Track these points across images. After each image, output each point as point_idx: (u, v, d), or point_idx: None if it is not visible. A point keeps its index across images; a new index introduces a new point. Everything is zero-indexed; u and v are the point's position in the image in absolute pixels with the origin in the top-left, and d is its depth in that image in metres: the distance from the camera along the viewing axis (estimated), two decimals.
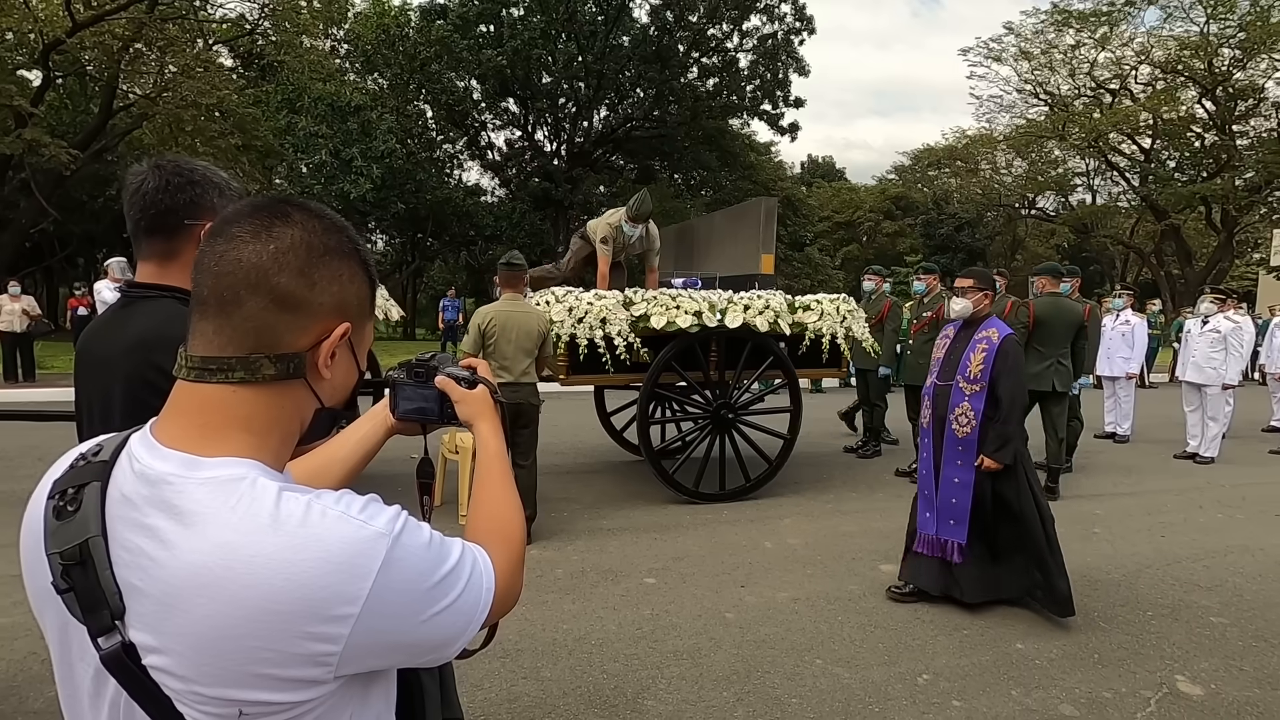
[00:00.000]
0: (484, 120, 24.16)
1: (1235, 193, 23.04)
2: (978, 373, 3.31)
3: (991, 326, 3.38)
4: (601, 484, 5.38)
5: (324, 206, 0.73)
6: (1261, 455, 7.04)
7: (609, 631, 3.05)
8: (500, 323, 3.94)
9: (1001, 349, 3.29)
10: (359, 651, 0.61)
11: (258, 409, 0.67)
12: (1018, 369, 3.32)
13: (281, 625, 0.58)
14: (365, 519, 0.63)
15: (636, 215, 5.28)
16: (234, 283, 0.65)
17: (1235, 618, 3.32)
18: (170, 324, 1.06)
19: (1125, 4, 23.15)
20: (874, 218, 35.57)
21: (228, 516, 0.60)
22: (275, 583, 0.58)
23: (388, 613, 0.62)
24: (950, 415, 3.38)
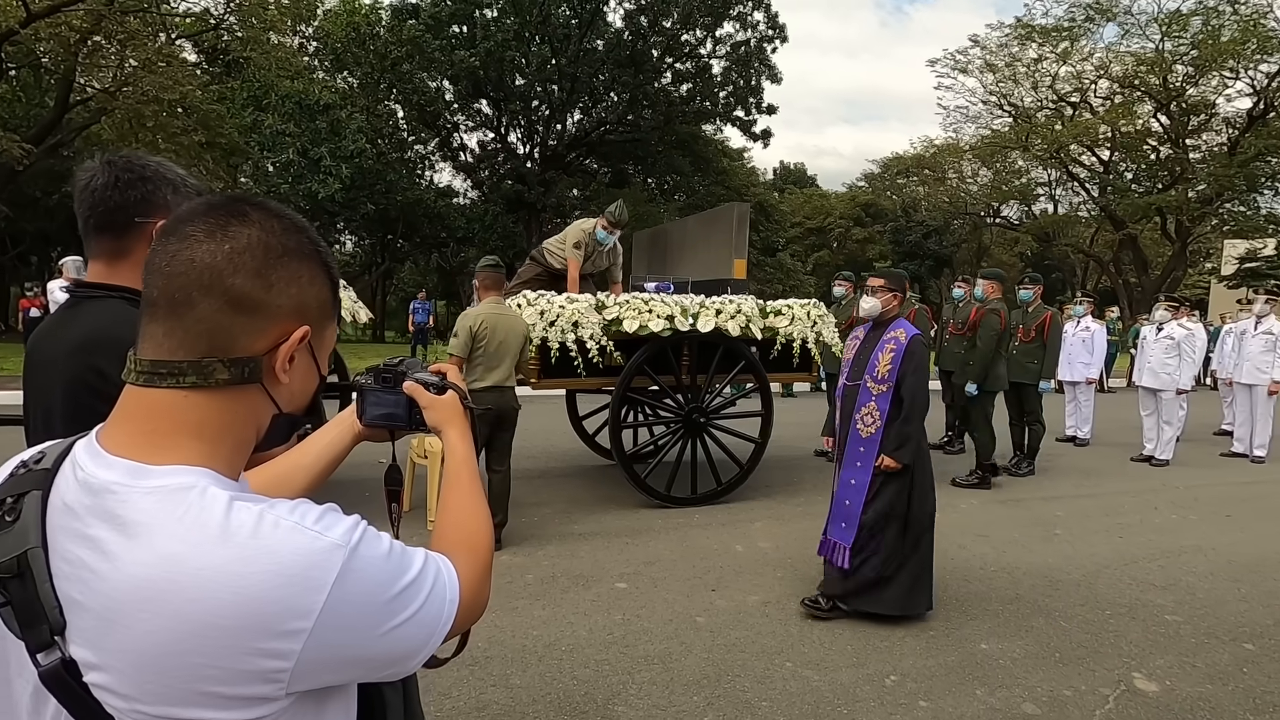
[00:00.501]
0: (456, 121, 23.97)
1: (1188, 204, 23.90)
2: (885, 373, 3.31)
3: (900, 327, 3.38)
4: (573, 488, 5.35)
5: (284, 206, 0.71)
6: (1213, 458, 7.28)
7: (579, 637, 3.02)
8: (491, 325, 3.91)
9: (908, 349, 3.29)
10: (312, 667, 0.59)
11: (210, 415, 0.64)
12: (923, 370, 3.32)
13: (229, 641, 0.56)
14: (320, 530, 0.61)
15: (617, 221, 5.24)
16: (186, 284, 0.62)
17: (1188, 615, 3.43)
18: (117, 325, 1.02)
19: (1085, 20, 23.92)
20: (844, 224, 36.10)
21: (174, 527, 0.57)
22: (223, 596, 0.55)
23: (343, 626, 0.60)
24: (856, 415, 3.39)
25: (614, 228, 5.25)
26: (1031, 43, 24.86)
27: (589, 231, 5.24)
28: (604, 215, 5.27)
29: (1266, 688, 2.79)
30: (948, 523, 4.79)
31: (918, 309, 5.81)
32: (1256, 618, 3.42)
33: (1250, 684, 2.81)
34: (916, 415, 3.27)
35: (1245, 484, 6.23)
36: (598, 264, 5.42)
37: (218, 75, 18.47)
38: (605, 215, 5.26)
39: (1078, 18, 23.93)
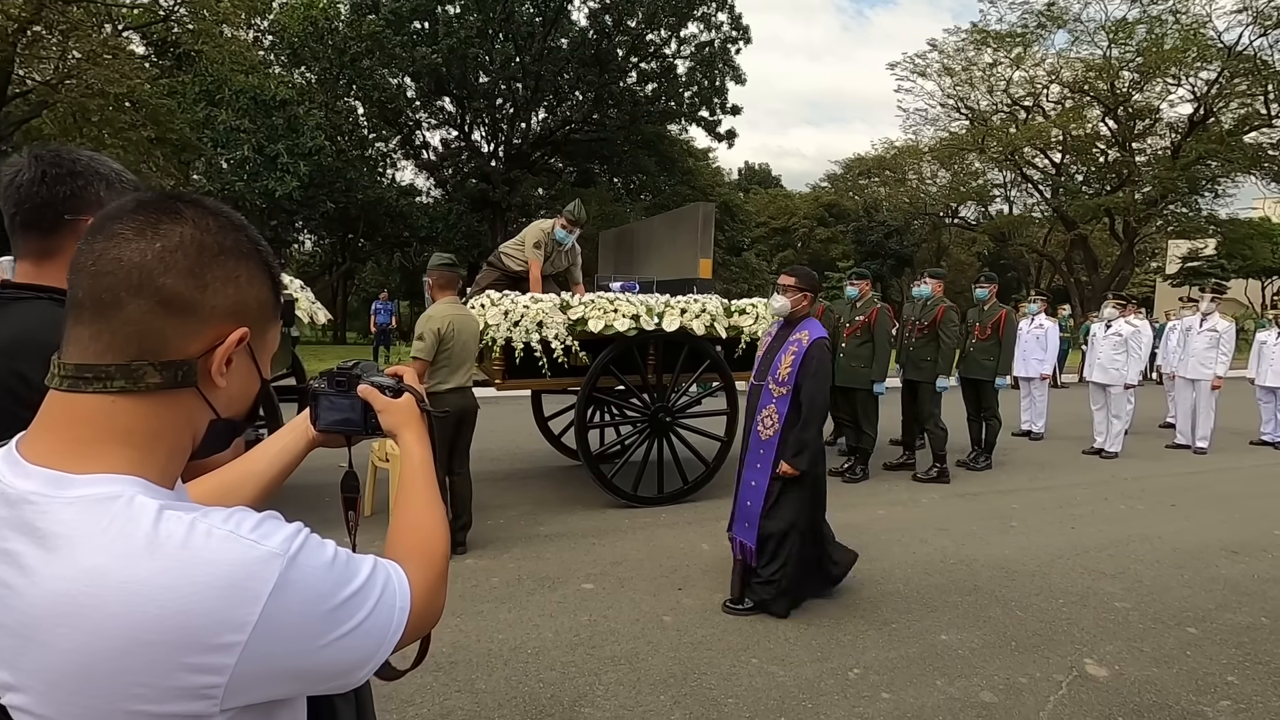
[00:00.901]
0: (418, 119, 23.59)
1: (1135, 206, 24.81)
2: (785, 375, 3.23)
3: (805, 329, 3.31)
4: (539, 490, 5.32)
5: (221, 204, 0.69)
6: (1159, 449, 7.57)
7: (545, 639, 3.00)
8: (457, 327, 3.86)
9: (807, 353, 3.20)
10: (249, 682, 0.57)
11: (140, 421, 0.62)
12: (821, 374, 3.23)
13: (156, 656, 0.53)
14: (256, 538, 0.58)
15: (576, 220, 5.20)
16: (114, 284, 0.59)
17: (1136, 602, 3.55)
18: (42, 328, 0.98)
19: (1037, 27, 24.65)
20: (808, 224, 36.57)
21: (97, 539, 0.55)
22: (148, 610, 0.53)
23: (282, 639, 0.58)
24: (757, 416, 3.33)
25: (573, 226, 5.21)
26: (987, 48, 25.54)
27: (548, 231, 5.19)
28: (562, 214, 5.22)
29: (1208, 669, 2.91)
30: (910, 518, 4.90)
31: (880, 308, 5.89)
32: (1199, 602, 3.57)
33: (1193, 666, 2.93)
34: (814, 421, 3.21)
35: (1188, 474, 6.49)
36: (557, 264, 5.37)
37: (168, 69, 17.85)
38: (564, 214, 5.21)
39: (1030, 24, 24.67)
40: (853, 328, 5.90)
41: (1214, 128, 23.63)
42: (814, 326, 3.33)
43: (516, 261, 5.29)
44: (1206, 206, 26.29)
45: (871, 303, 5.94)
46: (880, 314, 5.81)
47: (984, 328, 6.50)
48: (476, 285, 5.44)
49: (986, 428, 6.48)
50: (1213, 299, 7.79)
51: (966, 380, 6.65)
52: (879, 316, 5.80)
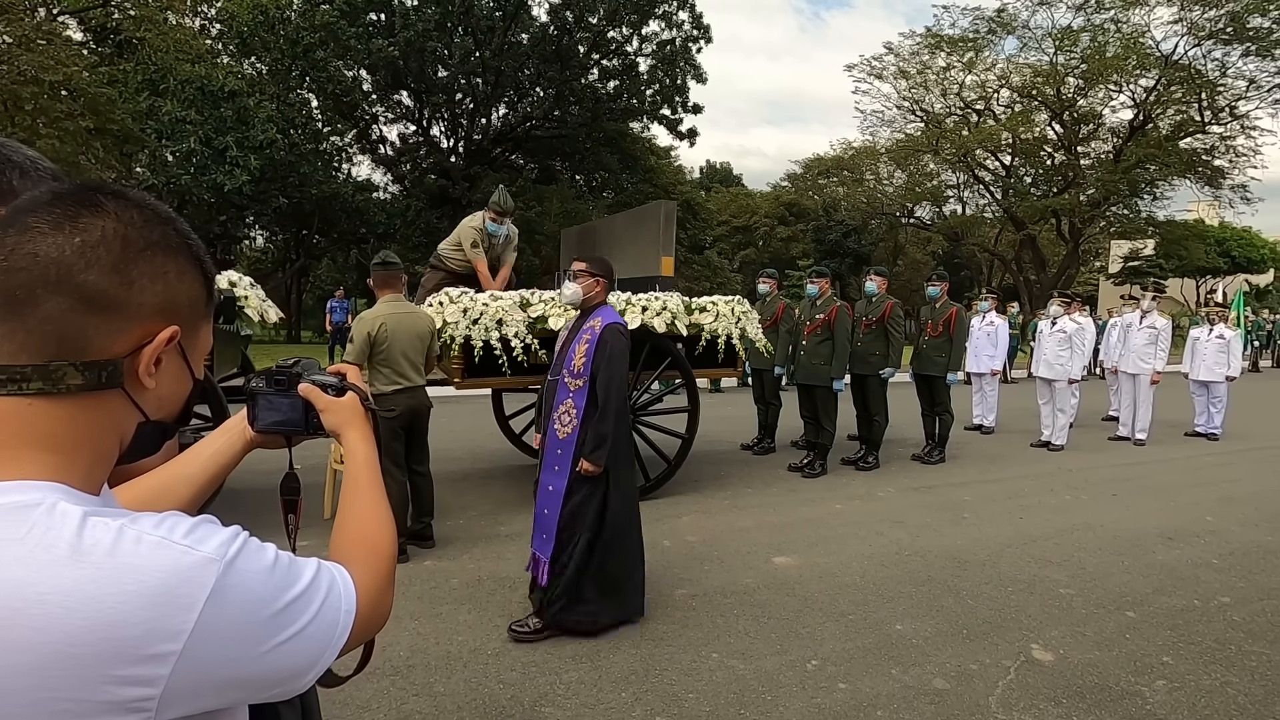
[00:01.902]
0: (375, 113, 23.10)
1: (1080, 207, 25.75)
2: (580, 366, 3.00)
3: (598, 316, 3.11)
4: (500, 489, 5.27)
5: (146, 195, 0.66)
6: (1101, 441, 7.88)
7: (506, 640, 2.98)
8: (391, 327, 3.77)
9: (601, 338, 2.98)
10: (184, 693, 0.55)
11: (61, 424, 0.59)
12: (617, 360, 2.98)
13: (82, 671, 0.51)
14: (191, 544, 0.56)
15: (503, 210, 5.07)
16: (29, 280, 0.56)
17: (1080, 588, 3.69)
18: None
19: (988, 32, 25.37)
20: (769, 223, 36.96)
21: (14, 549, 0.52)
22: (71, 623, 0.50)
23: (220, 646, 0.56)
24: (554, 414, 3.10)
25: (501, 217, 5.08)
26: (940, 52, 26.17)
27: (479, 228, 5.06)
28: (489, 207, 5.08)
29: (1145, 651, 3.04)
30: (867, 511, 5.01)
31: (839, 306, 5.96)
32: (1137, 587, 3.73)
33: (1132, 649, 3.06)
34: (612, 412, 2.96)
35: (1129, 465, 6.77)
36: (494, 254, 5.27)
37: (108, 56, 17.10)
38: (490, 207, 5.08)
39: (981, 30, 25.37)
40: (813, 325, 5.99)
41: (1152, 133, 24.66)
42: (608, 313, 3.13)
43: (456, 262, 5.19)
44: (1146, 209, 27.44)
45: (831, 301, 6.03)
46: (840, 312, 5.91)
47: (936, 325, 6.68)
48: (423, 288, 5.31)
49: (939, 422, 6.65)
50: (1153, 297, 8.14)
51: (920, 376, 6.82)
52: (838, 314, 5.89)
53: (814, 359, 5.97)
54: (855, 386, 6.36)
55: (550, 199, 22.72)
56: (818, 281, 6.18)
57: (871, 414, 6.25)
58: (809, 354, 6.00)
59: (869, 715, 2.52)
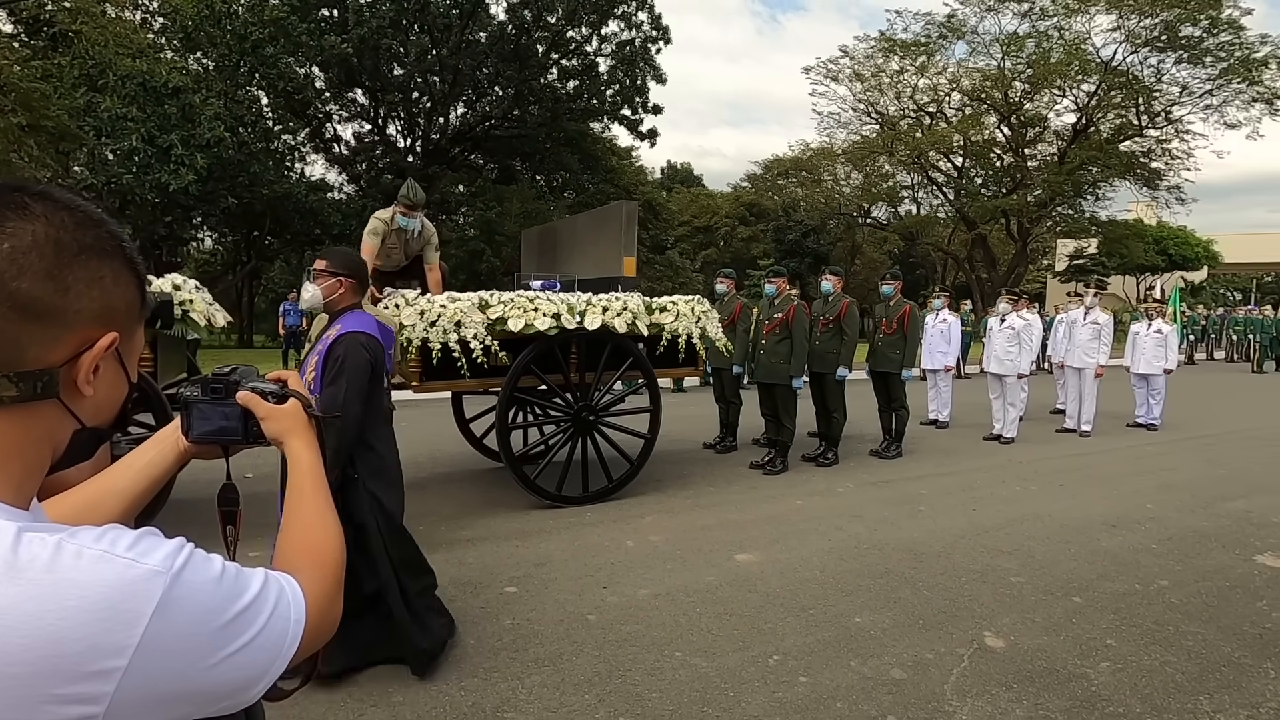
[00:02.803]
0: (329, 111, 22.59)
1: (1027, 207, 26.64)
2: (312, 380, 2.63)
3: (339, 323, 2.72)
4: (460, 494, 5.20)
5: (76, 196, 0.63)
6: (1049, 434, 8.16)
7: (467, 646, 2.94)
8: None
9: (331, 350, 2.62)
10: (130, 709, 0.53)
11: None
12: (348, 376, 2.57)
13: (22, 691, 0.49)
14: (134, 557, 0.55)
15: (413, 203, 4.81)
16: None
17: (1030, 576, 3.82)
18: None
19: (939, 37, 26.06)
20: (730, 223, 37.30)
21: None
22: (12, 641, 0.48)
23: (167, 660, 0.54)
24: None
25: (412, 210, 4.85)
26: (894, 56, 26.77)
27: (386, 220, 4.81)
28: (398, 200, 4.81)
29: (1090, 634, 3.16)
30: (826, 507, 5.09)
31: (797, 305, 6.05)
32: (1083, 573, 3.87)
33: (1078, 632, 3.17)
34: (333, 431, 2.51)
35: (1075, 456, 7.02)
36: (410, 250, 5.04)
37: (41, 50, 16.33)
38: (399, 200, 4.80)
39: (932, 35, 26.06)
40: (771, 325, 6.05)
41: (1094, 136, 25.66)
42: (353, 320, 2.71)
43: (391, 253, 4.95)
44: (1089, 209, 28.54)
45: (789, 300, 6.11)
46: (798, 311, 5.99)
47: (890, 323, 6.82)
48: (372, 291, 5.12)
49: (896, 418, 6.80)
50: (1095, 294, 8.46)
51: (876, 373, 6.96)
52: (796, 314, 5.97)
53: (773, 358, 6.03)
54: (814, 384, 6.45)
55: (510, 199, 22.53)
56: (775, 281, 6.24)
57: (830, 411, 6.36)
58: (768, 353, 6.06)
59: (829, 707, 2.56)
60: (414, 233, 4.90)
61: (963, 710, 2.56)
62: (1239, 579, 3.84)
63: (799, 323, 5.95)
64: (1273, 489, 5.74)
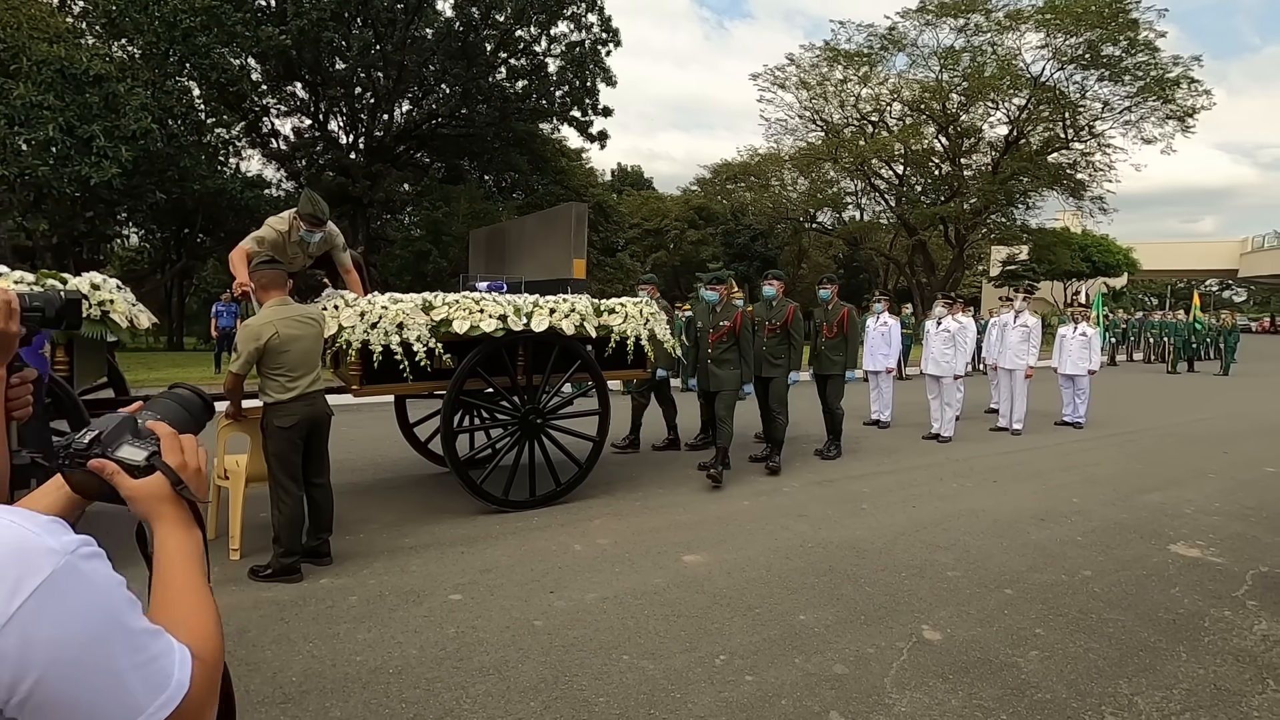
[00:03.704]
0: (266, 105, 21.73)
1: (964, 215, 27.71)
2: None
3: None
4: (403, 500, 5.07)
5: None
6: (984, 432, 8.49)
7: (409, 657, 2.86)
8: (284, 333, 3.53)
9: None
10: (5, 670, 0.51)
11: None
12: None
13: None
14: (38, 531, 0.54)
15: (313, 217, 4.47)
16: None
17: (965, 570, 3.95)
18: None
19: (880, 49, 26.90)
20: (679, 226, 37.55)
21: None
22: None
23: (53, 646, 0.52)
24: None
25: (316, 226, 4.49)
26: (838, 65, 27.50)
27: (283, 232, 4.49)
28: (300, 216, 4.47)
29: (1021, 624, 3.29)
30: (772, 506, 5.16)
31: (742, 312, 5.89)
32: (1014, 566, 4.03)
33: (1010, 623, 3.30)
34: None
35: (1007, 453, 7.32)
36: (311, 254, 4.73)
37: None
38: (302, 216, 4.46)
39: (875, 46, 26.88)
40: (718, 333, 5.80)
41: (1025, 148, 26.89)
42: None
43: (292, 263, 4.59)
44: (1020, 217, 29.90)
45: (733, 307, 5.92)
46: (744, 319, 5.84)
47: (831, 326, 6.91)
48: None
49: (831, 418, 6.88)
50: (1024, 298, 8.84)
51: (818, 376, 7.08)
52: (743, 321, 5.81)
53: (721, 366, 5.84)
54: (759, 388, 6.36)
55: (458, 199, 22.15)
56: (716, 289, 5.96)
57: (775, 413, 6.34)
58: (715, 362, 5.82)
59: (774, 705, 2.59)
60: (313, 243, 4.61)
61: (902, 702, 2.63)
62: (1155, 567, 4.07)
63: (745, 330, 5.81)
64: (1184, 482, 6.11)
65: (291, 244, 4.55)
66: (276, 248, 4.44)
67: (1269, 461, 7.03)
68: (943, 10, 25.37)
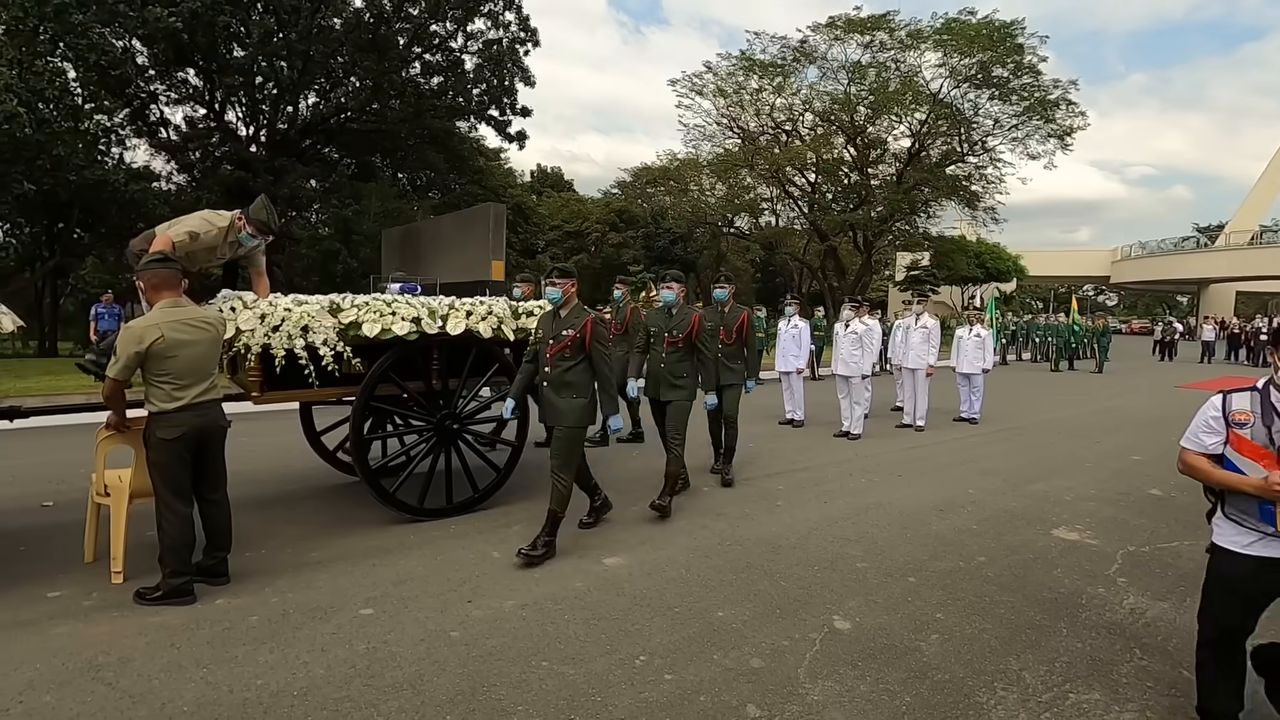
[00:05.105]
0: (154, 91, 20.20)
1: (871, 222, 29.13)
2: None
3: None
4: (310, 512, 4.82)
5: None
6: (890, 429, 8.93)
7: (315, 677, 2.72)
8: (172, 336, 3.27)
9: None
10: None
11: None
12: None
13: None
14: None
15: (270, 231, 4.36)
16: None
17: (873, 561, 4.14)
18: None
19: (793, 60, 27.89)
20: (601, 229, 37.61)
21: None
22: None
23: None
24: None
25: (263, 235, 4.35)
26: (754, 75, 28.33)
27: (223, 229, 4.22)
28: (252, 222, 4.27)
29: (923, 610, 3.48)
30: (691, 506, 5.23)
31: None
32: (917, 555, 4.26)
33: (913, 609, 3.48)
34: None
35: (911, 449, 7.73)
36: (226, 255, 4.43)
37: None
38: (254, 221, 4.27)
39: (788, 58, 27.87)
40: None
41: (925, 160, 28.55)
42: None
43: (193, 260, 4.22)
44: (922, 225, 31.74)
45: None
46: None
47: (729, 332, 6.01)
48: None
49: (727, 434, 6.04)
50: (920, 301, 9.36)
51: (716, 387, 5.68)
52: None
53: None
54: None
55: (370, 197, 21.32)
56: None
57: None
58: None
59: (693, 702, 2.63)
60: (247, 249, 4.38)
61: (815, 691, 2.72)
62: (1040, 551, 4.40)
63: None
64: (1065, 471, 6.64)
65: (225, 243, 4.26)
66: (207, 245, 4.16)
67: (1136, 450, 7.74)
68: (850, 27, 26.60)
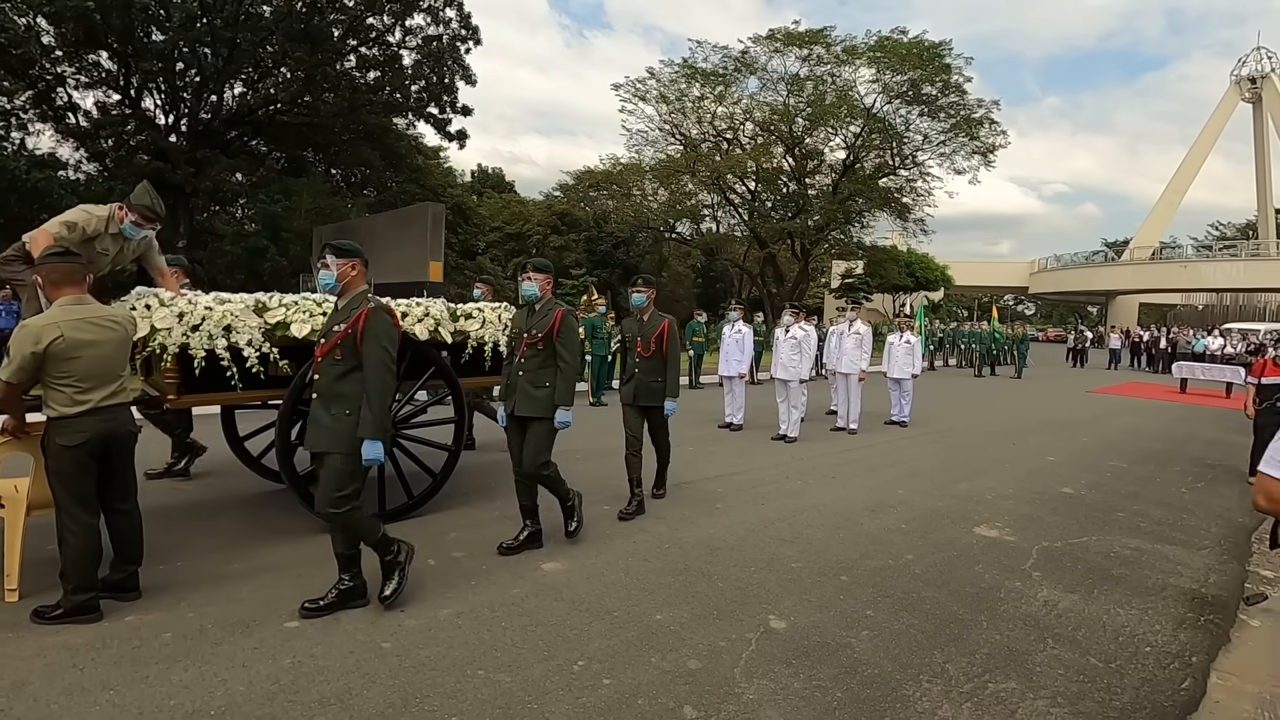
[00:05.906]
0: (61, 73, 18.90)
1: (808, 231, 29.93)
2: None
3: None
4: (232, 521, 4.58)
5: None
6: (825, 432, 9.18)
7: (235, 694, 2.58)
8: (72, 337, 3.04)
9: None
10: None
11: None
12: None
13: None
14: None
15: (155, 215, 4.09)
16: None
17: (808, 562, 4.24)
18: None
19: (734, 70, 28.44)
20: (542, 231, 37.32)
21: None
22: None
23: None
24: None
25: (148, 222, 4.08)
26: (696, 82, 28.74)
27: (102, 217, 3.95)
28: (134, 208, 4.00)
29: (854, 608, 3.58)
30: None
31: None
32: (849, 554, 4.39)
33: (845, 607, 3.59)
34: None
35: (845, 451, 7.97)
36: (122, 259, 4.21)
37: None
38: (136, 208, 4.00)
39: (729, 67, 28.41)
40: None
41: (859, 172, 29.57)
42: None
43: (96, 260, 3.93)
44: (857, 235, 32.84)
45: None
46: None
47: (648, 343, 5.09)
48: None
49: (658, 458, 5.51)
50: (853, 308, 9.68)
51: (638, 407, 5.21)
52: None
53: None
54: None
55: (300, 193, 20.50)
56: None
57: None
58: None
59: (631, 705, 2.63)
60: (134, 241, 4.10)
61: (750, 690, 2.76)
62: (963, 548, 4.60)
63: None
64: (987, 472, 6.98)
65: (108, 235, 3.96)
66: (88, 238, 3.85)
67: (1050, 451, 8.21)
68: (789, 40, 27.32)
